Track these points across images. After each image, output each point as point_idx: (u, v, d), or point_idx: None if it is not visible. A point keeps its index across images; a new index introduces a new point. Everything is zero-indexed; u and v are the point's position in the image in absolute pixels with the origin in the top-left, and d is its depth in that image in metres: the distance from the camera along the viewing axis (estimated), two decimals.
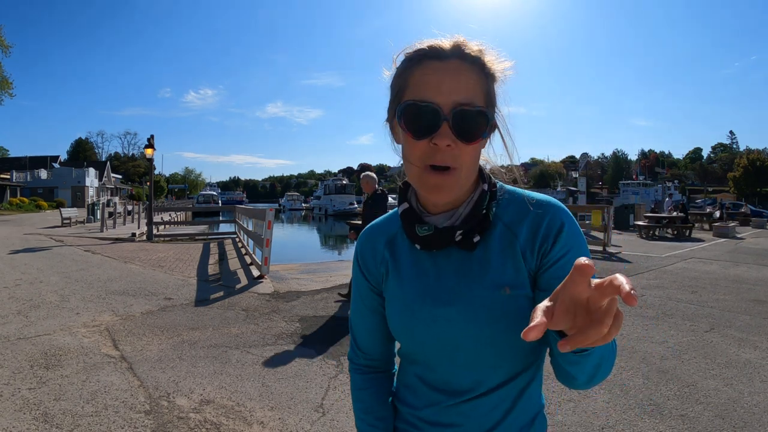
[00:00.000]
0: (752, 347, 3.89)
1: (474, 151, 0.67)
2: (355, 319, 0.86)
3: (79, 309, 5.09)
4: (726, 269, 8.01)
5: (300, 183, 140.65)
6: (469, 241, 0.70)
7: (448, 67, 0.65)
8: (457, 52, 0.66)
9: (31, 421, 2.58)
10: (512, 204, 0.73)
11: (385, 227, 0.82)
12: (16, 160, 53.24)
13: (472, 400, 0.72)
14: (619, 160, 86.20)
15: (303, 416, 2.73)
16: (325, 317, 4.92)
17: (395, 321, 0.77)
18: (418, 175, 0.67)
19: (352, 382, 0.88)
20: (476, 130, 0.65)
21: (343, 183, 48.42)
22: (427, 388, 0.76)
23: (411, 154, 0.67)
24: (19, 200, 33.24)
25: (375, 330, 0.83)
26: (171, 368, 3.42)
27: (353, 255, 0.85)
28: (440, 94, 0.63)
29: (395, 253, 0.78)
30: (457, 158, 0.65)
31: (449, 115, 0.63)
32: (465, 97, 0.64)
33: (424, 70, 0.65)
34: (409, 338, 0.75)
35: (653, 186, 46.10)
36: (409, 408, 0.80)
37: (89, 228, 17.17)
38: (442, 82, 0.64)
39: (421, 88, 0.65)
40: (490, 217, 0.71)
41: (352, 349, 0.88)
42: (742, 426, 2.58)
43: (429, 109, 0.63)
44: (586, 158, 52.02)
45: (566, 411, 2.76)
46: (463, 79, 0.64)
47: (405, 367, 0.82)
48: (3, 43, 24.17)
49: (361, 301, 0.83)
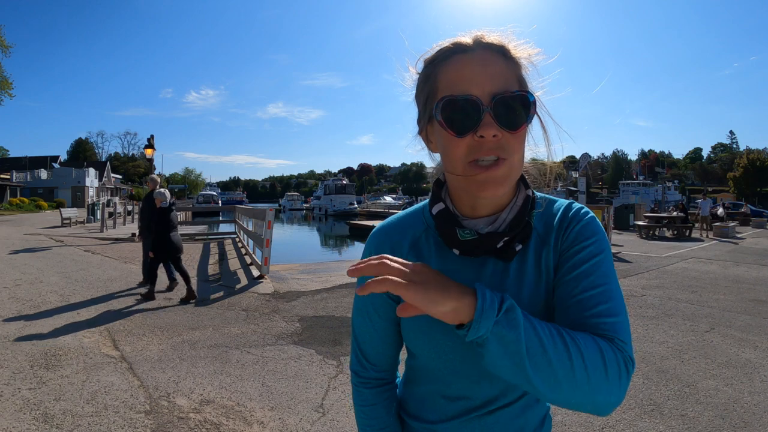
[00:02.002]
0: (752, 347, 3.89)
1: (520, 140, 0.63)
2: (362, 328, 0.78)
3: (79, 309, 5.09)
4: (726, 269, 8.01)
5: (300, 183, 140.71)
6: (511, 250, 0.66)
7: (476, 59, 0.63)
8: (481, 43, 0.64)
9: (31, 421, 2.58)
10: (544, 213, 0.70)
11: (407, 227, 0.75)
12: (16, 160, 53.23)
13: (496, 411, 0.70)
14: (619, 160, 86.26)
15: (303, 416, 2.73)
16: (325, 317, 4.91)
17: (417, 333, 0.71)
18: (464, 171, 0.63)
19: (359, 397, 0.80)
20: (518, 116, 0.62)
21: (343, 183, 48.39)
22: (447, 401, 0.73)
23: (454, 154, 0.63)
24: (19, 200, 33.23)
25: (387, 340, 0.77)
26: (171, 368, 3.42)
27: (363, 254, 0.76)
28: (476, 86, 0.61)
29: (422, 256, 0.72)
30: (505, 149, 0.61)
31: (490, 104, 0.60)
32: (500, 85, 0.62)
33: (452, 66, 0.63)
34: (432, 352, 0.70)
35: (653, 186, 46.03)
36: (422, 423, 0.75)
37: (89, 228, 17.17)
38: (475, 73, 0.62)
39: (454, 84, 0.62)
40: (532, 225, 0.68)
41: (358, 361, 0.80)
42: (742, 426, 2.58)
43: (469, 102, 0.61)
44: (587, 158, 51.90)
45: (566, 411, 2.76)
46: (494, 68, 0.62)
47: (418, 380, 0.77)
48: (3, 43, 24.17)
49: (372, 308, 0.76)
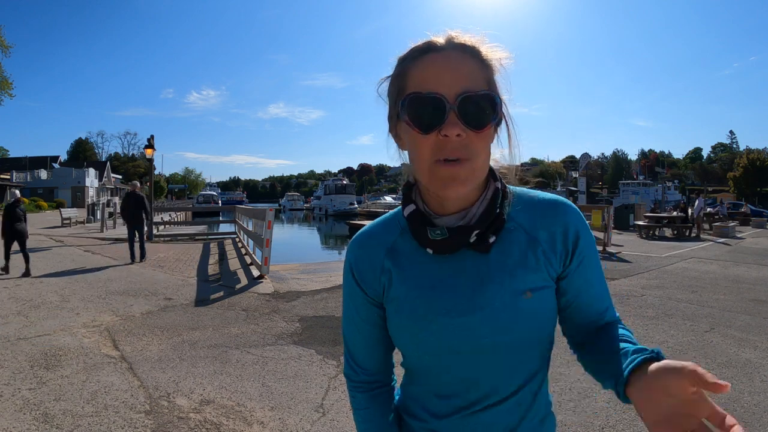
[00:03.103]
0: (752, 347, 3.89)
1: (485, 140, 0.64)
2: (350, 333, 0.80)
3: (79, 309, 5.09)
4: (726, 269, 8.01)
5: (300, 183, 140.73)
6: (485, 242, 0.67)
7: (447, 57, 0.63)
8: (453, 43, 0.64)
9: (31, 421, 2.58)
10: (525, 206, 0.71)
11: (382, 233, 0.75)
12: (16, 161, 53.22)
13: (490, 408, 0.70)
14: (619, 160, 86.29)
15: (303, 416, 2.73)
16: (325, 317, 4.91)
17: (403, 334, 0.72)
18: (429, 170, 0.63)
19: (354, 401, 0.82)
20: (484, 115, 0.62)
21: (343, 183, 48.36)
22: (440, 399, 0.73)
23: (419, 151, 0.63)
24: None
25: (374, 344, 0.78)
26: (171, 368, 3.42)
27: (344, 265, 0.78)
28: (443, 85, 0.61)
29: (399, 260, 0.72)
30: (469, 148, 0.62)
31: (455, 103, 0.61)
32: (468, 85, 0.62)
33: (422, 64, 0.64)
34: (420, 351, 0.71)
35: (653, 186, 46.04)
36: (419, 422, 0.76)
37: (89, 228, 17.17)
38: (443, 72, 0.62)
39: (422, 81, 0.63)
40: (503, 217, 0.69)
41: (349, 365, 0.81)
42: (742, 426, 2.57)
43: (434, 100, 0.61)
44: (587, 158, 51.90)
45: (566, 411, 2.76)
46: (464, 67, 0.63)
47: (412, 380, 0.77)
48: (3, 43, 24.13)
49: (357, 314, 0.77)
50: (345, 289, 0.78)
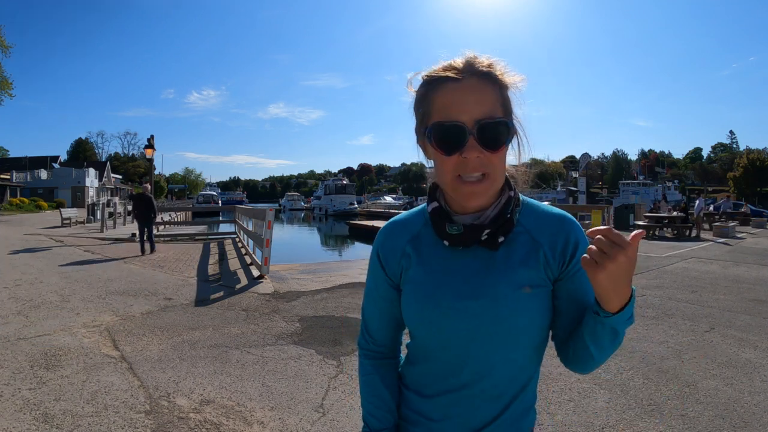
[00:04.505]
0: (752, 347, 3.89)
1: (501, 158, 0.74)
2: (368, 306, 0.91)
3: (79, 309, 5.09)
4: (726, 269, 8.01)
5: (300, 183, 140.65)
6: (495, 240, 0.77)
7: (465, 86, 0.72)
8: (470, 69, 0.73)
9: (31, 421, 2.58)
10: (534, 215, 0.82)
11: (410, 224, 0.87)
12: (16, 161, 53.13)
13: (478, 394, 0.79)
14: (619, 160, 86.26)
15: (303, 416, 2.73)
16: (325, 317, 4.91)
17: (413, 310, 0.81)
18: (452, 185, 0.74)
19: (361, 367, 0.92)
20: (499, 138, 0.73)
21: (343, 183, 48.37)
22: (436, 378, 0.82)
23: (443, 168, 0.74)
24: (19, 200, 33.21)
25: (387, 319, 0.89)
26: (171, 368, 3.42)
27: (373, 247, 0.90)
28: (463, 113, 0.71)
29: (419, 248, 0.83)
30: (487, 165, 0.72)
31: (474, 129, 0.71)
32: (485, 111, 0.71)
33: (444, 93, 0.73)
34: (425, 327, 0.80)
35: (653, 186, 46.05)
36: (417, 396, 0.85)
37: (89, 228, 17.16)
38: (463, 101, 0.72)
39: (444, 109, 0.72)
40: (513, 221, 0.79)
41: (363, 335, 0.93)
42: (743, 426, 2.58)
43: (455, 128, 0.71)
44: (586, 158, 52.02)
45: (566, 411, 2.76)
46: (481, 95, 0.72)
47: (416, 360, 0.86)
48: (3, 44, 24.12)
49: (376, 290, 0.89)
50: (370, 266, 0.91)
